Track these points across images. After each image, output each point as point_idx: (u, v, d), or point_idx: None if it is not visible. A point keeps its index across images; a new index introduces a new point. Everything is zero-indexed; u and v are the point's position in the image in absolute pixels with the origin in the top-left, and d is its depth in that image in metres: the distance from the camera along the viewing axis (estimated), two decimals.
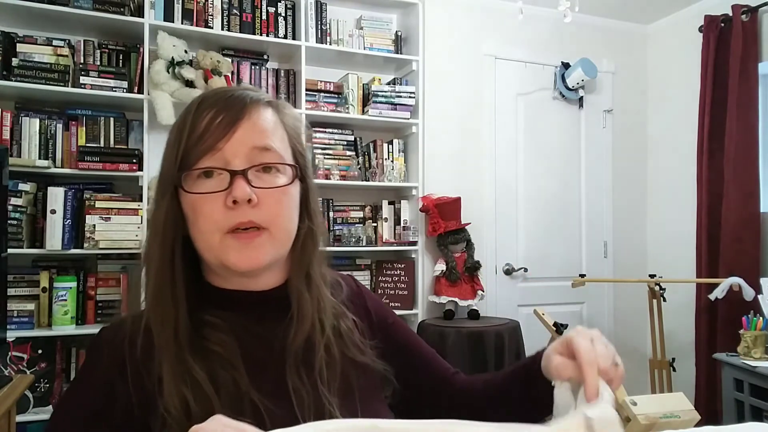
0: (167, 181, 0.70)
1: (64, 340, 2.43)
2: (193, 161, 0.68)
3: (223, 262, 0.69)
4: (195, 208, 0.68)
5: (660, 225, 3.63)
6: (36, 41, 2.46)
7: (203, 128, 0.68)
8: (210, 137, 0.68)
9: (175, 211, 0.70)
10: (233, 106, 0.70)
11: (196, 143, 0.68)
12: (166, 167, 0.71)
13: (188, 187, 0.68)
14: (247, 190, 0.67)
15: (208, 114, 0.69)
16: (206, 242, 0.69)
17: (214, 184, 0.68)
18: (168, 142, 0.73)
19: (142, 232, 2.45)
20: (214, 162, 0.68)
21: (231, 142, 0.68)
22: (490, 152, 3.34)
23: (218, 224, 0.67)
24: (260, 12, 2.76)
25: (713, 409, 2.96)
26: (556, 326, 2.46)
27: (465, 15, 3.30)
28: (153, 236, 0.71)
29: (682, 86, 3.44)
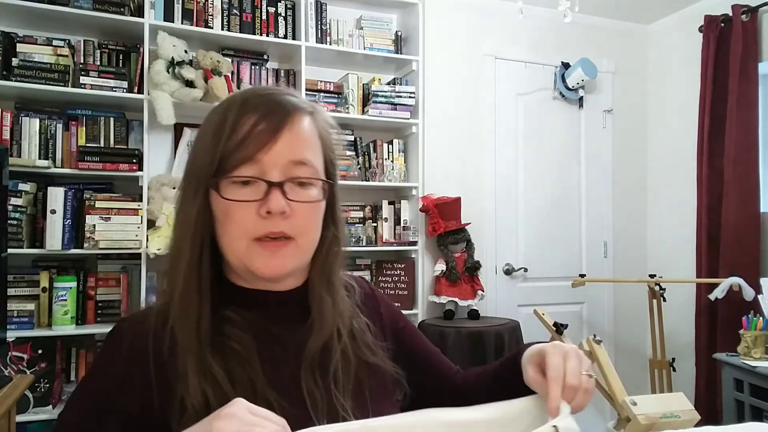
0: (200, 180, 0.70)
1: (64, 340, 2.44)
2: (230, 167, 0.68)
3: (248, 267, 0.70)
4: (227, 212, 0.69)
5: (660, 225, 3.64)
6: (36, 41, 2.46)
7: (244, 134, 0.68)
8: (251, 145, 0.68)
9: (206, 210, 0.70)
10: (275, 112, 0.70)
11: (236, 149, 0.68)
12: (198, 165, 0.71)
13: (223, 192, 0.69)
14: (283, 202, 0.68)
15: (250, 118, 0.69)
16: (234, 246, 0.70)
17: (249, 192, 0.69)
18: (202, 134, 0.73)
19: (142, 232, 2.45)
20: (252, 171, 0.68)
21: (270, 154, 0.68)
22: (490, 152, 3.34)
23: (248, 231, 0.69)
24: (260, 12, 2.76)
25: (713, 409, 2.96)
26: (556, 326, 2.46)
27: (465, 15, 3.30)
28: (183, 233, 0.71)
29: (682, 86, 3.44)
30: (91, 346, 2.50)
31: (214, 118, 0.72)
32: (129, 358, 0.69)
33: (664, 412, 1.29)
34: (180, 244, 0.71)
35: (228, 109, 0.71)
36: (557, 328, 2.45)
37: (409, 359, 0.85)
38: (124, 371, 0.69)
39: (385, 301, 0.91)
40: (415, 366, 0.86)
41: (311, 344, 0.73)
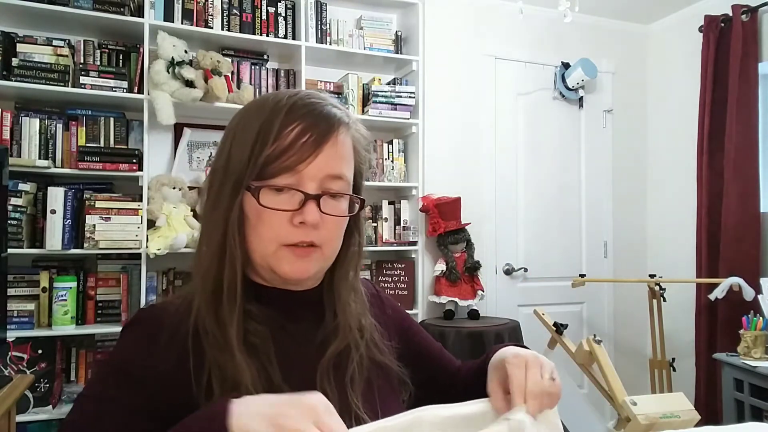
0: (236, 180, 0.70)
1: (64, 340, 2.44)
2: (269, 174, 0.69)
3: (273, 269, 0.72)
4: (261, 216, 0.70)
5: (660, 225, 3.64)
6: (36, 41, 2.46)
7: (288, 143, 0.69)
8: (294, 156, 0.69)
9: (239, 209, 0.71)
10: (319, 125, 0.71)
11: (278, 158, 0.69)
12: (236, 165, 0.71)
13: (260, 197, 0.69)
14: (318, 215, 0.70)
15: (296, 127, 0.70)
16: (262, 248, 0.71)
17: (284, 199, 0.70)
18: (242, 132, 0.72)
19: (142, 232, 2.45)
20: (290, 181, 0.70)
21: (310, 167, 0.70)
22: (490, 152, 3.34)
23: (279, 238, 0.70)
24: (260, 12, 2.76)
25: (713, 409, 2.96)
26: (556, 326, 2.46)
27: (465, 15, 3.30)
28: (217, 229, 0.71)
29: (682, 86, 3.44)
30: (91, 346, 2.50)
31: (257, 119, 0.71)
32: (149, 347, 0.70)
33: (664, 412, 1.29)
34: (215, 240, 0.72)
35: (273, 112, 0.71)
36: (557, 328, 2.45)
37: (415, 358, 0.87)
38: (145, 360, 0.69)
39: (390, 301, 0.93)
40: (420, 365, 0.88)
41: (333, 347, 0.75)
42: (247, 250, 0.72)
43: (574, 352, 2.23)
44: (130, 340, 0.72)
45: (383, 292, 0.93)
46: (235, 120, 0.75)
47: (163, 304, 0.75)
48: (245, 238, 0.72)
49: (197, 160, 2.83)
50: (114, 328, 2.44)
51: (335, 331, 0.77)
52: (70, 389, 2.40)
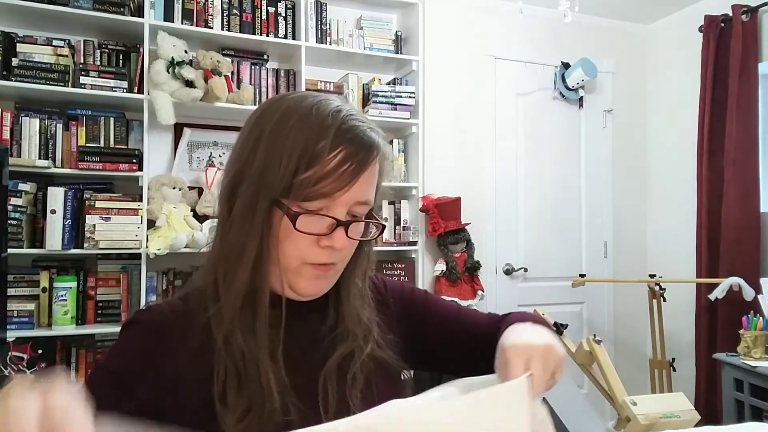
0: (273, 195, 0.69)
1: (64, 340, 2.43)
2: (305, 197, 0.68)
3: (290, 285, 0.73)
4: (289, 234, 0.70)
5: (660, 225, 3.64)
6: (36, 41, 2.46)
7: (329, 170, 0.68)
8: (333, 183, 0.68)
9: (270, 220, 0.70)
10: (360, 152, 0.70)
11: (317, 182, 0.68)
12: (272, 178, 0.68)
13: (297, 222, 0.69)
14: (345, 241, 0.71)
15: (339, 153, 0.68)
16: (284, 262, 0.72)
17: (314, 221, 0.70)
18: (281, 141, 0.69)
19: (142, 232, 2.45)
20: (322, 205, 0.69)
21: (345, 196, 0.70)
22: (490, 152, 3.34)
23: (304, 257, 0.71)
24: (260, 12, 2.76)
25: (713, 409, 2.96)
26: (556, 326, 2.46)
27: (465, 15, 3.30)
28: (250, 242, 0.70)
29: (682, 86, 3.44)
30: (91, 346, 2.50)
31: (300, 133, 0.69)
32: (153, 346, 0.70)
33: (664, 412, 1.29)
34: (250, 253, 0.70)
35: (320, 132, 0.69)
36: (557, 328, 2.45)
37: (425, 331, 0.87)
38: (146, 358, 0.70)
39: (394, 290, 0.91)
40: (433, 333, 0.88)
41: (338, 352, 0.76)
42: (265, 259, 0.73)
43: (574, 352, 2.23)
44: (133, 339, 0.72)
45: (387, 281, 0.92)
46: (268, 123, 0.71)
47: (161, 307, 0.75)
48: (267, 248, 0.72)
49: (197, 160, 2.82)
50: (114, 328, 2.43)
51: (341, 336, 0.77)
52: None
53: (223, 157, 2.87)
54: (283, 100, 0.74)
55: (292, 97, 0.74)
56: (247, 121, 0.75)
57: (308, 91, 0.77)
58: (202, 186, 2.71)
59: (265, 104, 0.76)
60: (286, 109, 0.72)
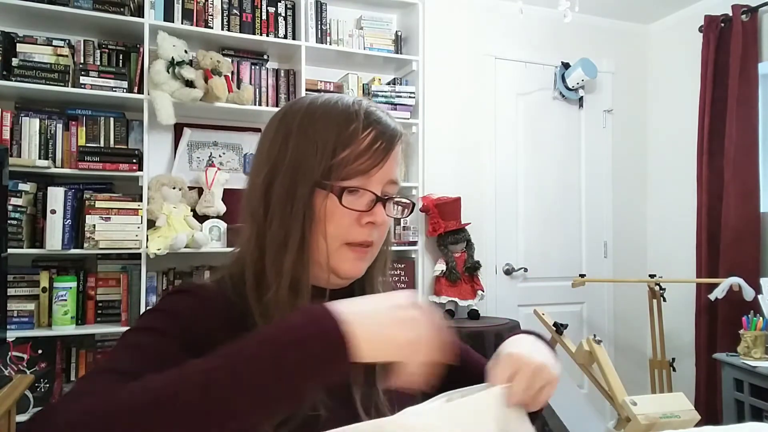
0: (308, 176, 0.72)
1: (64, 340, 2.43)
2: (344, 175, 0.71)
3: (332, 266, 0.74)
4: (333, 213, 0.72)
5: (660, 225, 3.64)
6: (36, 41, 2.46)
7: (364, 148, 0.72)
8: (369, 160, 0.72)
9: (311, 204, 0.72)
10: (387, 131, 0.75)
11: (355, 160, 0.72)
12: (310, 162, 0.72)
13: (342, 198, 0.71)
14: (385, 216, 0.75)
15: (371, 132, 0.73)
16: (326, 246, 0.73)
17: (355, 200, 0.73)
18: (312, 132, 0.72)
19: (142, 232, 2.45)
20: (361, 183, 0.73)
21: (381, 172, 0.74)
22: (490, 152, 3.34)
23: (346, 236, 0.73)
24: (260, 12, 2.76)
25: (713, 409, 2.96)
26: (556, 326, 2.46)
27: (465, 15, 3.30)
28: (292, 224, 0.72)
29: (682, 86, 3.45)
30: (91, 346, 2.50)
31: (331, 121, 0.73)
32: (205, 313, 0.70)
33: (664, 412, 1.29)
34: (293, 241, 0.72)
35: (349, 116, 0.73)
36: (557, 328, 2.45)
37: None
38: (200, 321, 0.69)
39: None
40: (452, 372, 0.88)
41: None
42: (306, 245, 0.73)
43: (574, 352, 2.23)
44: (181, 301, 0.71)
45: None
46: (294, 120, 0.75)
47: (209, 284, 0.75)
48: (307, 234, 0.73)
49: (197, 160, 2.82)
50: (114, 328, 2.44)
51: None
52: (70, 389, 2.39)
53: (223, 157, 2.87)
54: (303, 99, 0.78)
55: (311, 97, 0.78)
56: (269, 124, 0.79)
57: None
58: (202, 186, 2.71)
59: (286, 106, 0.80)
60: (309, 105, 0.76)
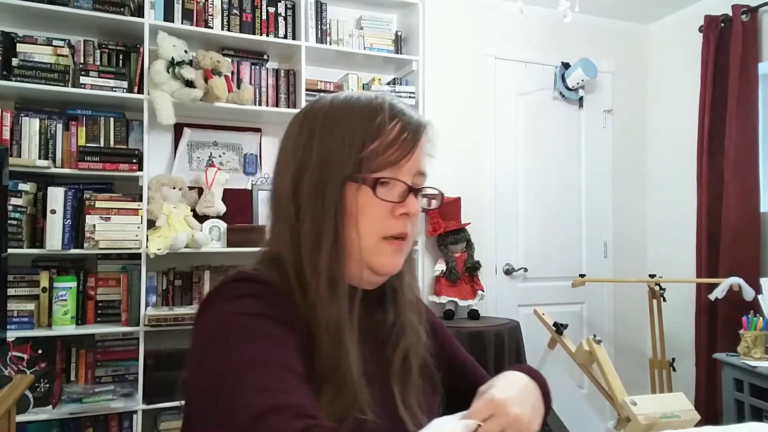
0: (338, 172, 0.71)
1: (64, 340, 2.43)
2: (375, 167, 0.71)
3: (371, 262, 0.73)
4: (366, 207, 0.71)
5: (660, 225, 3.64)
6: (36, 41, 2.46)
7: (392, 139, 0.72)
8: (398, 151, 0.72)
9: (342, 200, 0.71)
10: (412, 122, 0.74)
11: (384, 152, 0.71)
12: (339, 158, 0.71)
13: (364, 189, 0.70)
14: (418, 206, 0.75)
15: (397, 124, 0.72)
16: (362, 241, 0.72)
17: (386, 191, 0.72)
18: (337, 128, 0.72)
19: (142, 232, 2.45)
20: (393, 174, 0.72)
21: (410, 162, 0.73)
22: (490, 152, 3.34)
23: (381, 229, 0.73)
24: (260, 12, 2.76)
25: (713, 409, 2.96)
26: (556, 326, 2.46)
27: (465, 15, 3.30)
28: (325, 221, 0.70)
29: (682, 86, 3.44)
30: (91, 346, 2.50)
31: (356, 116, 0.73)
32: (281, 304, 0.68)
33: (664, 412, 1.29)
34: (327, 238, 0.70)
35: (374, 109, 0.73)
36: (557, 328, 2.45)
37: (450, 370, 0.88)
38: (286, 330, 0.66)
39: (427, 308, 0.93)
40: (455, 377, 0.89)
41: (401, 346, 0.77)
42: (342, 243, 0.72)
43: (574, 352, 2.23)
44: (261, 290, 0.68)
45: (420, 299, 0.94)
46: (317, 119, 0.74)
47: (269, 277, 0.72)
48: (342, 231, 0.72)
49: (197, 160, 2.82)
50: (114, 328, 2.44)
51: (400, 330, 0.78)
52: (70, 389, 2.39)
53: (223, 157, 2.87)
54: (324, 98, 0.78)
55: (330, 95, 0.78)
56: (291, 125, 0.78)
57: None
58: (202, 186, 2.71)
59: (307, 106, 0.79)
60: (331, 103, 0.76)
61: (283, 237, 0.74)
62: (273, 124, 2.95)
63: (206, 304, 0.69)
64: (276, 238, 0.75)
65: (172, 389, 2.37)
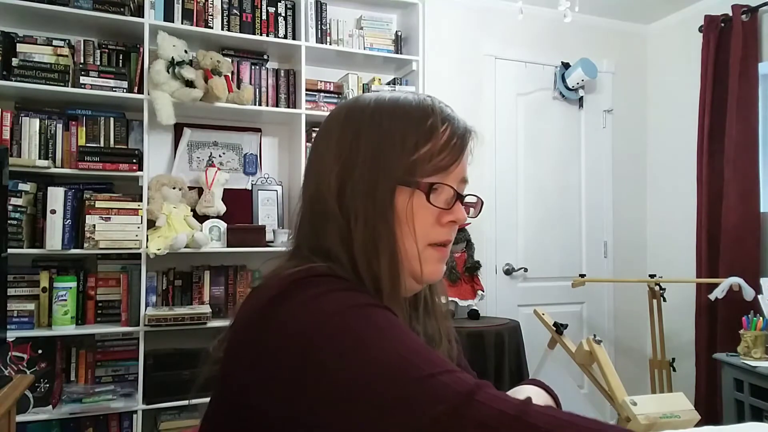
0: (389, 173, 0.68)
1: (64, 340, 2.43)
2: (426, 170, 0.69)
3: (417, 269, 0.71)
4: (417, 212, 0.69)
5: (660, 225, 3.64)
6: (36, 41, 2.46)
7: (443, 143, 0.70)
8: (448, 156, 0.70)
9: (393, 204, 0.68)
10: (460, 128, 0.73)
11: (435, 156, 0.69)
12: (390, 160, 0.68)
13: (416, 195, 0.68)
14: (465, 215, 0.74)
15: (447, 129, 0.71)
16: (411, 249, 0.70)
17: (436, 198, 0.70)
18: (387, 128, 0.69)
19: (142, 232, 2.45)
20: (442, 180, 0.70)
21: (458, 169, 0.72)
22: (490, 152, 3.34)
23: (430, 236, 0.71)
24: (260, 12, 2.76)
25: (713, 409, 2.96)
26: (556, 326, 2.46)
27: (465, 15, 3.30)
28: (383, 224, 0.68)
29: (682, 86, 3.44)
30: (91, 346, 2.50)
31: (407, 117, 0.70)
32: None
33: (664, 412, 1.29)
34: (377, 236, 0.68)
35: (425, 112, 0.71)
36: (557, 328, 2.45)
37: None
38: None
39: None
40: None
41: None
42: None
43: (574, 352, 2.23)
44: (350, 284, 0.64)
45: None
46: (363, 118, 0.71)
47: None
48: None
49: (197, 160, 2.82)
50: (114, 328, 2.44)
51: (434, 337, 0.78)
52: (70, 389, 2.39)
53: (223, 157, 2.87)
54: (364, 98, 0.75)
55: (371, 95, 0.75)
56: (332, 122, 0.74)
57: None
58: (202, 186, 2.71)
59: (347, 104, 0.75)
60: (375, 102, 0.73)
61: (332, 239, 0.69)
62: (273, 124, 2.95)
63: (285, 300, 0.60)
64: (324, 239, 0.70)
65: (172, 389, 2.37)
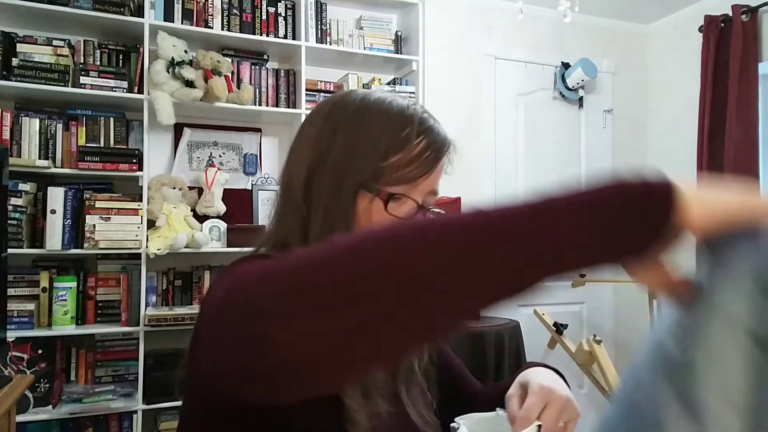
0: (356, 175, 0.69)
1: (64, 340, 2.44)
2: (391, 180, 0.69)
3: None
4: (372, 218, 0.70)
5: None
6: (36, 41, 2.46)
7: (415, 155, 0.70)
8: (417, 169, 0.70)
9: (354, 205, 0.69)
10: (438, 141, 0.73)
11: (404, 167, 0.69)
12: (360, 163, 0.69)
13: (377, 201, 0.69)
14: None
15: (423, 140, 0.71)
16: None
17: (396, 207, 0.70)
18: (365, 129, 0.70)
19: (142, 232, 2.45)
20: (407, 191, 0.71)
21: (426, 182, 0.72)
22: (490, 152, 3.34)
23: None
24: (260, 12, 2.76)
25: None
26: (556, 326, 2.46)
27: (465, 15, 3.30)
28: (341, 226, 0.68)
29: (682, 86, 3.44)
30: (91, 346, 2.50)
31: (384, 121, 0.70)
32: None
33: None
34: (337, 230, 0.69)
35: (404, 119, 0.71)
36: (557, 328, 2.45)
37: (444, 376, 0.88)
38: None
39: None
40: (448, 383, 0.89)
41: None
42: None
43: (574, 352, 2.23)
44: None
45: None
46: (344, 114, 0.72)
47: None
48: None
49: (197, 160, 2.82)
50: (114, 328, 2.44)
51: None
52: (70, 389, 2.40)
53: (223, 157, 2.87)
54: (354, 93, 0.75)
55: (362, 91, 0.75)
56: (317, 113, 0.75)
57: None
58: (202, 186, 2.71)
59: (335, 98, 0.76)
60: (362, 99, 0.73)
61: (291, 227, 0.72)
62: (273, 124, 2.95)
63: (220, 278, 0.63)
64: (284, 226, 0.73)
65: (172, 389, 2.37)
